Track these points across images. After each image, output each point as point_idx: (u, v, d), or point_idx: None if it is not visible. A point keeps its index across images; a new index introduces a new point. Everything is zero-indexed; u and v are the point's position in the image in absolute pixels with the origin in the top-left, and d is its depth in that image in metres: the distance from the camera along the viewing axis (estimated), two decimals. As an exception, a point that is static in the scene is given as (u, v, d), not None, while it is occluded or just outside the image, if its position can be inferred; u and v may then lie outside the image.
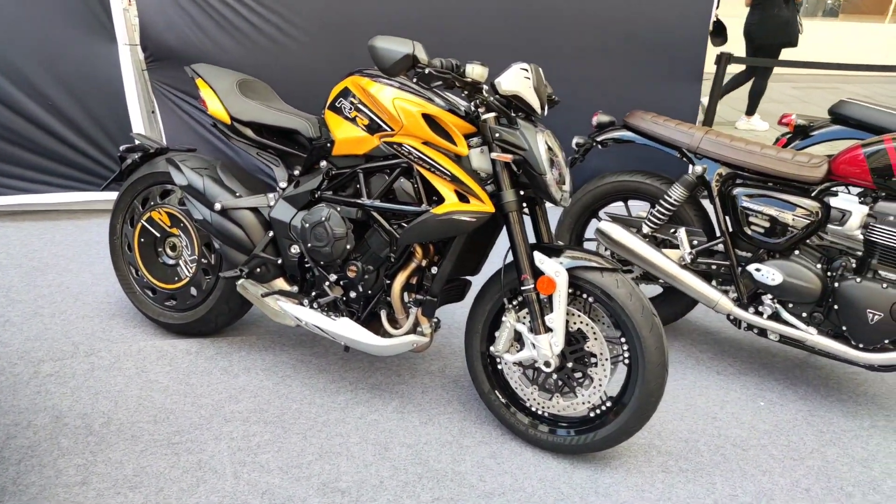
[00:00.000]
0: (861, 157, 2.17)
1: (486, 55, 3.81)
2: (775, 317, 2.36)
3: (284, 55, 3.60)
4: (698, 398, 2.36)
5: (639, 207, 2.77)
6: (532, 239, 3.46)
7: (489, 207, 1.84)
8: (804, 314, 2.31)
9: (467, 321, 2.10)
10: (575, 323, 1.92)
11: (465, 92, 1.80)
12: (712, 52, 4.31)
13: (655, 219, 2.56)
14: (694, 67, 4.12)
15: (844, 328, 2.21)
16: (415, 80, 1.65)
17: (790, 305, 2.33)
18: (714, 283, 2.50)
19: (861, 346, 2.19)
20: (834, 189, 2.30)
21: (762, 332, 2.39)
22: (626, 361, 1.89)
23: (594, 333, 1.90)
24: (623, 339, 1.88)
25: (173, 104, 3.65)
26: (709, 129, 2.48)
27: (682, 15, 3.98)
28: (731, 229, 2.42)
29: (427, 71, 1.65)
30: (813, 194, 2.29)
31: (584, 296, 1.93)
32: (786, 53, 6.07)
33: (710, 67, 4.21)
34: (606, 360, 1.90)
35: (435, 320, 2.17)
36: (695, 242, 2.52)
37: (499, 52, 3.82)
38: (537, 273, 1.88)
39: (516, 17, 3.80)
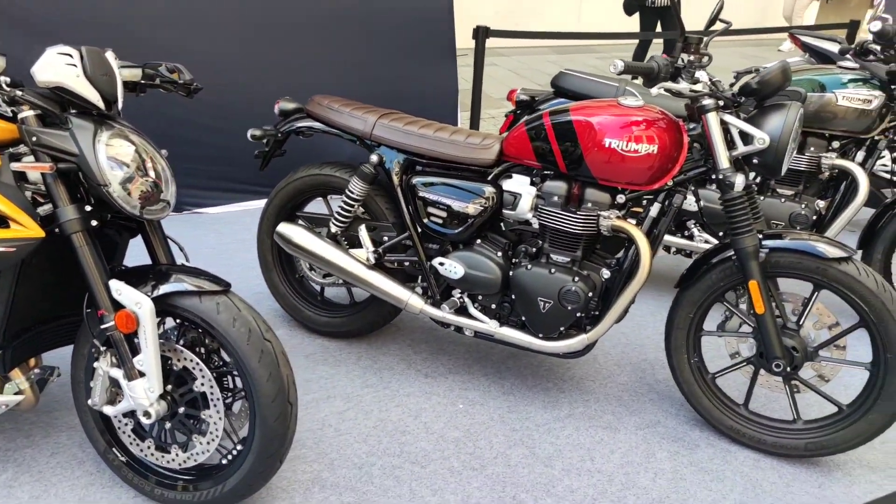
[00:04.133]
0: (525, 135, 2.01)
1: (189, 37, 3.36)
2: (464, 311, 2.19)
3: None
4: (394, 410, 2.15)
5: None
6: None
7: (34, 232, 1.46)
8: (493, 306, 2.16)
9: (71, 370, 1.71)
10: (179, 360, 1.60)
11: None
12: (468, 26, 4.17)
13: (341, 216, 2.30)
14: (445, 43, 3.93)
15: (524, 318, 2.08)
16: None
17: (480, 298, 2.17)
18: (420, 280, 2.29)
19: (541, 335, 2.07)
20: (513, 172, 2.15)
21: (459, 329, 2.22)
22: (244, 397, 1.61)
23: (200, 371, 1.59)
24: (237, 373, 1.60)
25: None
26: (385, 112, 2.25)
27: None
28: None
29: None
30: (489, 178, 2.12)
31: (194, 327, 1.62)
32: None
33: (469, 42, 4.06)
34: (218, 399, 1.60)
35: (38, 370, 1.76)
36: (385, 238, 2.29)
37: (204, 34, 3.39)
38: (119, 306, 1.53)
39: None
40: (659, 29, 5.87)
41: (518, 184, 2.07)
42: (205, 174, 3.60)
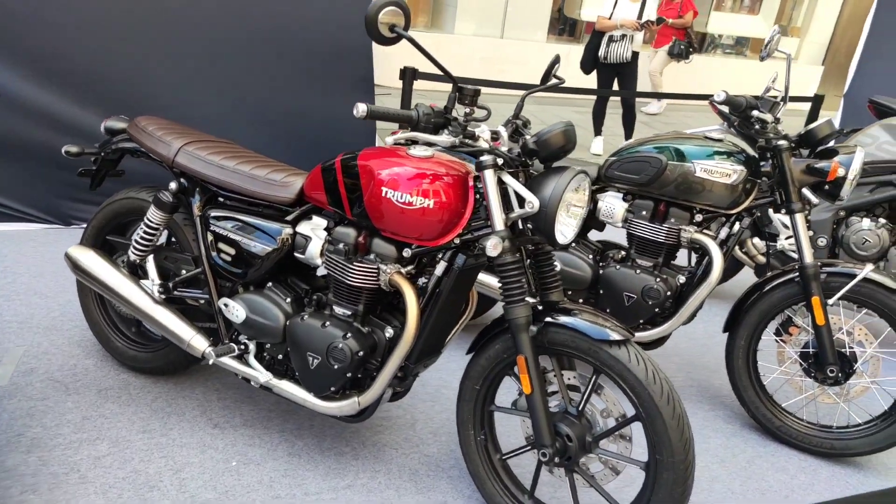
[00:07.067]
0: (319, 176, 1.88)
1: (105, 57, 3.31)
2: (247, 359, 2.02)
3: None
4: (158, 461, 1.95)
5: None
6: None
7: None
8: (280, 356, 1.99)
9: None
10: None
11: None
12: (393, 65, 4.10)
13: (139, 244, 2.15)
14: (363, 79, 3.86)
15: (297, 372, 1.90)
16: None
17: (268, 346, 2.00)
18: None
19: (313, 392, 1.89)
20: (318, 214, 2.00)
21: (247, 378, 2.04)
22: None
23: None
24: None
25: None
26: (194, 138, 2.13)
27: (343, 22, 3.70)
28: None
29: None
30: (290, 218, 1.98)
31: None
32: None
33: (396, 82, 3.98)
34: None
35: None
36: (183, 272, 2.14)
37: (119, 54, 3.34)
38: None
39: (143, 14, 3.34)
40: (616, 86, 5.79)
41: (313, 227, 1.92)
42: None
